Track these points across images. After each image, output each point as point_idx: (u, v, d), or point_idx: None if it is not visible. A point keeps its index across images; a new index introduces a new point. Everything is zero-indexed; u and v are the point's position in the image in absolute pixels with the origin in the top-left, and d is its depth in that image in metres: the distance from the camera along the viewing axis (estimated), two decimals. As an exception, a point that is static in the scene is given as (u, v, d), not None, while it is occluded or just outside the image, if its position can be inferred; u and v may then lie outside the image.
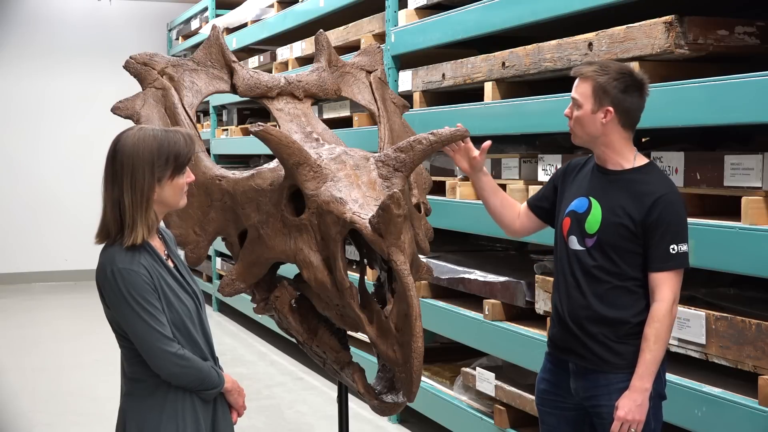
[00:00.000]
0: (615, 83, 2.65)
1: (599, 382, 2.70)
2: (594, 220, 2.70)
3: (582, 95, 2.69)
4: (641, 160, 2.74)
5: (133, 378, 2.46)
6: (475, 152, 2.95)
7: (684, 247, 2.62)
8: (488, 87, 4.27)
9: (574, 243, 2.75)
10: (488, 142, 2.97)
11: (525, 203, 3.07)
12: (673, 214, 2.62)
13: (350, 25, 5.81)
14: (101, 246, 2.47)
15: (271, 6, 7.41)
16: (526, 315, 4.13)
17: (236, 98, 6.66)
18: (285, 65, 6.99)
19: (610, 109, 2.65)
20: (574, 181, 2.85)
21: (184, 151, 2.42)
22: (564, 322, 2.78)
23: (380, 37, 5.42)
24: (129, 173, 2.35)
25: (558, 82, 4.14)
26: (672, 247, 2.60)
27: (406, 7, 5.10)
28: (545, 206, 2.98)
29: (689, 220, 3.09)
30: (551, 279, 3.80)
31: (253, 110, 8.48)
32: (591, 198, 2.73)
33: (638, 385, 2.61)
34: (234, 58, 3.38)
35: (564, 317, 2.78)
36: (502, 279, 4.22)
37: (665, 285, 2.62)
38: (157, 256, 2.45)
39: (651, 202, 2.62)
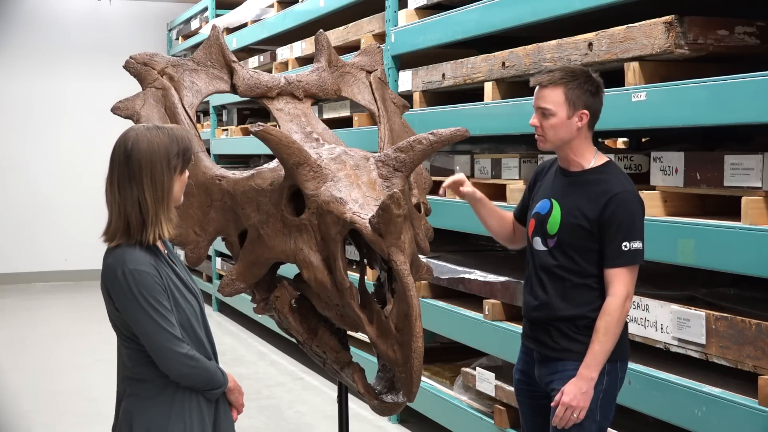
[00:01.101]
0: (586, 86, 2.74)
1: (556, 368, 2.81)
2: (554, 221, 2.81)
3: (554, 103, 2.75)
4: (600, 160, 2.83)
5: (138, 379, 2.44)
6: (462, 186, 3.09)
7: (636, 244, 2.70)
8: (488, 87, 4.27)
9: (539, 244, 2.86)
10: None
11: (512, 215, 3.15)
12: (625, 212, 2.70)
13: (350, 25, 5.81)
14: (96, 245, 2.46)
15: (271, 6, 7.41)
16: (526, 315, 4.13)
17: (236, 98, 6.66)
18: (285, 65, 6.99)
19: (585, 112, 2.75)
20: (542, 183, 2.96)
21: (189, 145, 2.45)
22: (531, 317, 2.90)
23: (380, 37, 5.42)
24: (148, 171, 2.35)
25: (558, 82, 4.14)
26: (624, 244, 2.69)
27: (406, 7, 5.10)
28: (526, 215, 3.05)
29: (689, 220, 3.11)
30: (551, 279, 3.82)
31: (253, 110, 8.48)
32: (552, 200, 2.84)
33: (585, 374, 2.70)
34: (234, 58, 3.38)
35: (531, 313, 2.90)
36: (502, 279, 4.22)
37: (618, 280, 2.70)
38: (162, 257, 2.44)
39: (605, 201, 2.71)
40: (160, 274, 2.38)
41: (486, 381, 4.26)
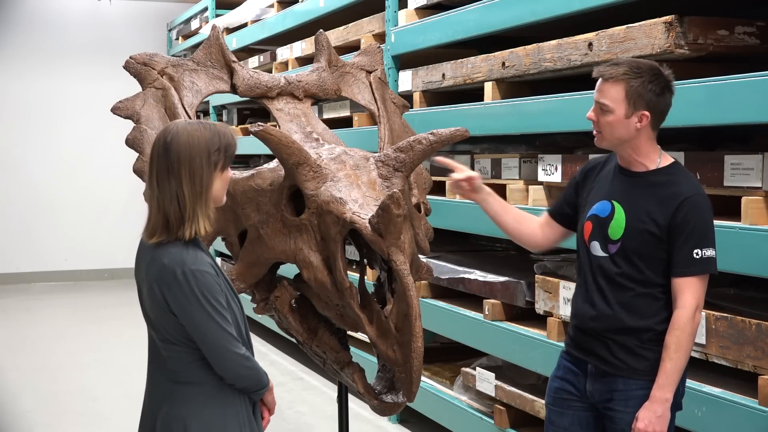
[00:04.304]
0: (650, 86, 2.53)
1: (617, 386, 2.63)
2: (617, 225, 2.61)
3: (614, 100, 2.54)
4: (666, 160, 2.64)
5: (188, 382, 2.35)
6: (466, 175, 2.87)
7: (709, 252, 2.53)
8: (488, 87, 4.27)
9: (597, 249, 2.66)
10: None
11: (545, 213, 2.94)
12: (698, 217, 2.52)
13: (350, 25, 5.81)
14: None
15: (271, 6, 7.42)
16: (526, 315, 4.13)
17: (236, 98, 6.66)
18: (285, 65, 6.99)
19: (646, 113, 2.55)
20: (595, 182, 2.75)
21: (233, 142, 2.38)
22: (587, 327, 2.69)
23: (380, 37, 5.42)
24: (187, 164, 2.28)
25: (558, 82, 4.14)
26: (696, 251, 2.51)
27: (406, 7, 5.10)
28: (568, 212, 2.86)
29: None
30: (551, 279, 3.81)
31: (253, 110, 8.48)
32: (614, 202, 2.64)
33: (658, 396, 2.54)
34: (234, 58, 3.39)
35: (587, 323, 2.69)
36: (502, 279, 4.22)
37: (688, 291, 2.53)
38: (209, 255, 2.39)
39: (677, 205, 2.53)
40: (216, 273, 2.33)
41: (486, 381, 4.26)
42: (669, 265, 2.56)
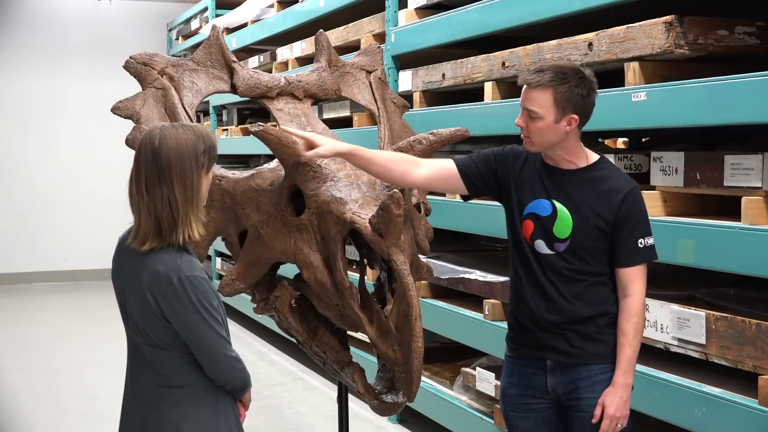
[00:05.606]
0: (578, 90, 2.57)
1: (581, 374, 2.67)
2: (564, 225, 2.64)
3: (542, 107, 2.57)
4: (593, 157, 2.71)
5: (178, 386, 2.35)
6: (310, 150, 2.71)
7: (650, 240, 2.65)
8: (488, 87, 4.27)
9: (542, 247, 2.68)
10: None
11: (452, 163, 2.80)
12: (639, 209, 2.65)
13: (350, 25, 5.81)
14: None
15: (271, 6, 7.42)
16: (526, 315, 4.13)
17: (236, 98, 6.66)
18: (285, 65, 7.00)
19: (575, 116, 2.59)
20: (521, 176, 2.74)
21: (216, 143, 2.37)
22: (544, 321, 2.69)
23: (380, 37, 5.42)
24: (178, 168, 2.27)
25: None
26: (640, 241, 2.63)
27: (406, 7, 5.10)
28: (476, 183, 2.80)
29: (689, 220, 3.11)
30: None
31: (253, 110, 8.48)
32: (554, 201, 2.66)
33: (622, 381, 2.63)
34: (234, 58, 3.39)
35: (544, 317, 2.69)
36: (502, 279, 4.22)
37: (637, 279, 2.64)
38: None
39: (620, 199, 2.61)
40: (209, 278, 2.33)
41: (486, 381, 4.26)
42: (612, 255, 2.66)
